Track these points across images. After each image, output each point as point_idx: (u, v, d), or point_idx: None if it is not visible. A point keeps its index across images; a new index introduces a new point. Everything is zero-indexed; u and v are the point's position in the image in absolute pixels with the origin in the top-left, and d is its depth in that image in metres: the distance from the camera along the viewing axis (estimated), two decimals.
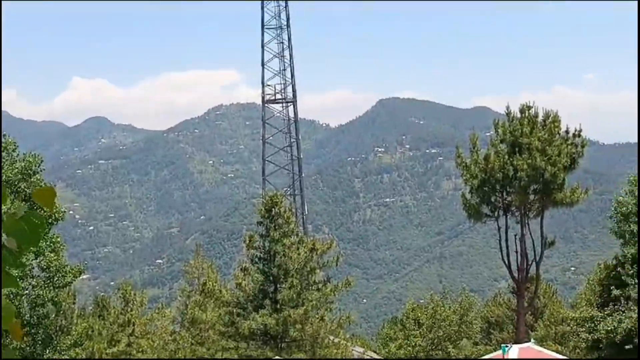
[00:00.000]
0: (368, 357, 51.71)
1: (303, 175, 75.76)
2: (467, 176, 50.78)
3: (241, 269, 41.39)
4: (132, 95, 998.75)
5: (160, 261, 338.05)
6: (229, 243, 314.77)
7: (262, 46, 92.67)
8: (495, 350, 44.44)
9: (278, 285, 40.43)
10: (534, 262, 51.23)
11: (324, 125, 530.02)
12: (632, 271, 35.43)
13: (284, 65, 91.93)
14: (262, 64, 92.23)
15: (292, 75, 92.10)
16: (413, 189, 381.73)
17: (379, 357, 56.24)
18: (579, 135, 50.12)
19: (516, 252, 50.97)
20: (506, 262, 51.29)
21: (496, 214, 51.09)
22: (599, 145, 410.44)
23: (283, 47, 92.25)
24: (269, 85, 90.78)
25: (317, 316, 40.87)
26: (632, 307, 34.54)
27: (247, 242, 41.35)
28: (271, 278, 40.38)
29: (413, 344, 48.32)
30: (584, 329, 37.24)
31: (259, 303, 40.34)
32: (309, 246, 41.50)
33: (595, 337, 35.87)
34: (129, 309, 40.39)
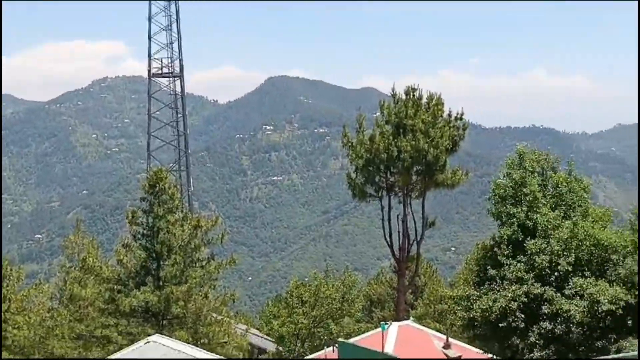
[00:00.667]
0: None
1: (190, 151, 74.90)
2: (352, 156, 51.32)
3: (123, 245, 40.67)
4: (12, 64, 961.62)
5: (39, 236, 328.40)
6: (112, 219, 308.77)
7: (149, 19, 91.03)
8: (376, 328, 45.22)
9: (161, 262, 39.95)
10: (415, 242, 52.41)
11: (213, 101, 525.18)
12: (507, 251, 36.56)
13: (172, 38, 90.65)
14: (149, 37, 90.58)
15: (180, 50, 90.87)
16: (301, 167, 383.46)
17: (260, 335, 56.47)
18: (461, 119, 51.38)
19: (398, 232, 51.95)
20: (388, 241, 52.23)
21: (380, 194, 51.89)
22: (481, 129, 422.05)
23: (171, 20, 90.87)
24: (155, 59, 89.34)
25: (200, 293, 40.62)
26: (506, 287, 35.67)
27: (130, 217, 40.66)
28: (154, 255, 39.87)
29: (296, 321, 48.59)
30: (460, 308, 38.21)
31: (141, 280, 39.78)
32: (193, 223, 41.15)
33: (471, 315, 36.88)
34: (5, 285, 39.03)
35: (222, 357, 33.36)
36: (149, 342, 26.03)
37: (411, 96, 50.90)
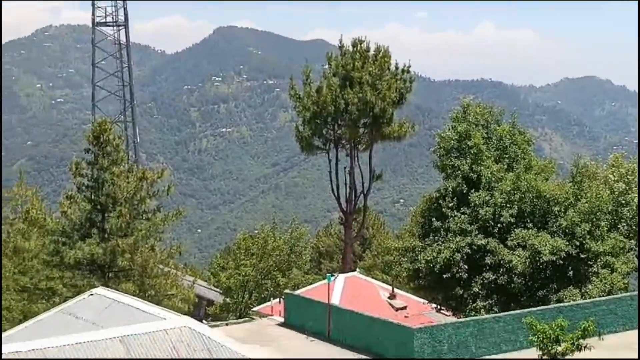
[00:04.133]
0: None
1: (136, 102, 73.86)
2: (300, 108, 51.21)
3: (67, 197, 40.13)
4: None
5: None
6: (58, 170, 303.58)
7: None
8: (324, 279, 45.61)
9: (106, 214, 39.57)
10: (362, 195, 52.72)
11: (160, 51, 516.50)
12: (451, 204, 37.04)
13: None
14: None
15: None
16: (250, 119, 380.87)
17: (207, 286, 56.54)
18: (408, 71, 51.48)
19: (346, 184, 52.21)
20: (336, 194, 52.48)
21: (327, 146, 51.96)
22: (429, 82, 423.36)
23: None
24: (99, 7, 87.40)
25: (146, 246, 40.40)
26: (450, 238, 36.21)
27: (74, 169, 40.07)
28: (99, 207, 39.44)
29: (243, 273, 48.71)
30: (406, 259, 38.76)
31: (86, 232, 39.39)
32: (139, 175, 40.73)
33: (416, 266, 37.44)
34: None
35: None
36: (92, 294, 25.82)
37: (358, 48, 50.76)
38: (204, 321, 37.86)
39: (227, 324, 37.71)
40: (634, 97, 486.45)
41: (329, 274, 37.43)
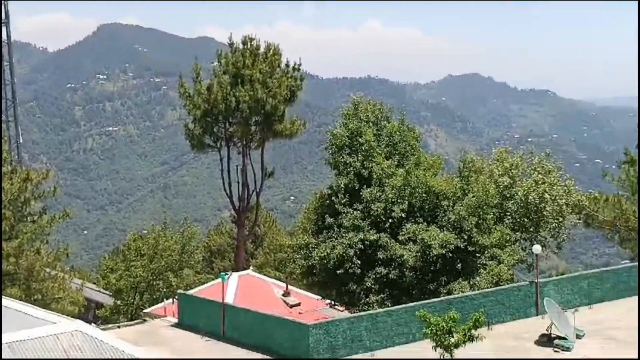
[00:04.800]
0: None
1: (17, 101, 71.27)
2: (190, 106, 50.72)
3: None
4: None
5: None
6: None
7: None
8: (216, 279, 45.27)
9: None
10: (254, 192, 52.63)
11: (41, 49, 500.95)
12: (344, 200, 37.39)
13: None
14: None
15: None
16: (137, 118, 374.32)
17: (96, 289, 55.24)
18: (298, 69, 51.70)
19: (238, 182, 52.01)
20: (228, 192, 52.20)
21: (219, 144, 51.65)
22: (318, 79, 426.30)
23: None
24: None
25: (32, 249, 39.25)
26: (343, 234, 36.55)
27: None
28: None
29: (134, 274, 47.79)
30: (300, 256, 38.89)
31: None
32: (22, 176, 39.47)
33: (310, 263, 37.62)
34: None
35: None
36: None
37: (249, 46, 50.65)
38: (94, 324, 36.96)
39: (119, 327, 37.00)
40: (515, 94, 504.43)
41: (223, 273, 37.23)
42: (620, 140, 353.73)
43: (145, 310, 44.21)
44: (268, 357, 30.46)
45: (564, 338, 30.38)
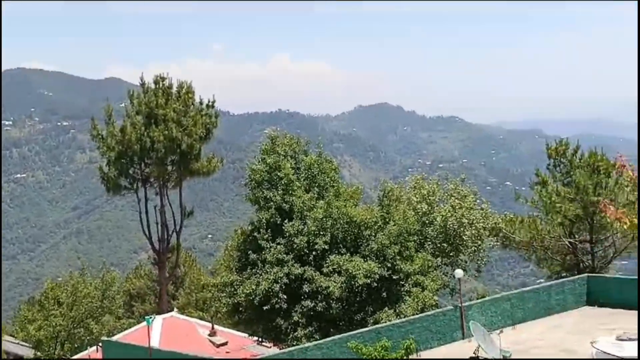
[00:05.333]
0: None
1: None
2: (104, 149, 49.98)
3: None
4: None
5: None
6: None
7: None
8: (138, 323, 44.47)
9: None
10: (174, 232, 52.04)
11: None
12: (267, 235, 37.28)
13: None
14: None
15: None
16: (45, 163, 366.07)
17: (14, 341, 53.51)
18: (213, 106, 51.61)
19: (157, 223, 51.34)
20: (147, 233, 51.45)
21: (135, 186, 50.95)
22: (229, 115, 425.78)
23: None
24: None
25: None
26: (268, 270, 36.40)
27: None
28: None
29: (54, 324, 46.56)
30: (224, 294, 38.50)
31: None
32: None
33: (236, 300, 37.29)
34: None
35: None
36: None
37: (161, 85, 50.32)
38: None
39: None
40: (423, 121, 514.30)
41: (148, 317, 36.53)
42: (527, 162, 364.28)
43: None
44: None
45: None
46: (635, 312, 32.42)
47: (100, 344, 37.44)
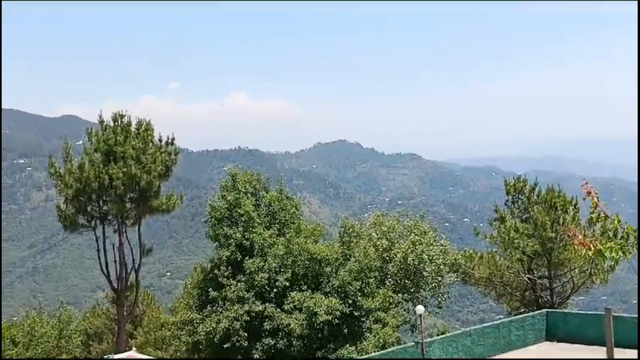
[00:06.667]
0: None
1: None
2: (61, 186, 49.32)
3: None
4: None
5: None
6: None
7: None
8: None
9: None
10: (133, 270, 51.37)
11: None
12: (227, 272, 37.09)
13: None
14: None
15: None
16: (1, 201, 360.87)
17: None
18: (172, 144, 51.31)
19: (115, 261, 50.65)
20: (105, 271, 50.72)
21: (93, 223, 50.31)
22: (188, 152, 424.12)
23: None
24: None
25: None
26: (228, 307, 36.16)
27: None
28: None
29: None
30: (184, 332, 38.13)
31: None
32: None
33: (196, 339, 36.94)
34: None
35: None
36: None
37: (119, 123, 49.96)
38: None
39: None
40: (382, 158, 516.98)
41: (105, 356, 36.00)
42: (483, 198, 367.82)
43: None
44: None
45: None
46: (597, 347, 32.74)
47: None
